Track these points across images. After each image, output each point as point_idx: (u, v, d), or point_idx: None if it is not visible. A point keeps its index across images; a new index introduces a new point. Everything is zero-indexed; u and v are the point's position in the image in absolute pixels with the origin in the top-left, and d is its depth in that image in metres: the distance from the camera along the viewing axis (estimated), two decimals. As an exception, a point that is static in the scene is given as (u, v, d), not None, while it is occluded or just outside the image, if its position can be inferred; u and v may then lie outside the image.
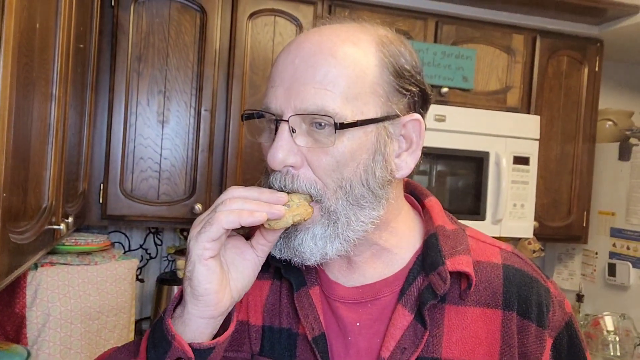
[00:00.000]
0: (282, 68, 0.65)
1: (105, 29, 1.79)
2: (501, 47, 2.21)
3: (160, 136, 1.87)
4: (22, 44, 0.78)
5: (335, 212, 0.64)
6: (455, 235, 0.71)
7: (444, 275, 0.65)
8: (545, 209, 2.27)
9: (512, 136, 2.12)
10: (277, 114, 0.64)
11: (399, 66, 0.66)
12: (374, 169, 0.65)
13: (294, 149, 0.63)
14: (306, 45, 0.64)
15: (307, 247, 0.64)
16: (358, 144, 0.63)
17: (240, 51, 1.92)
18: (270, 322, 0.71)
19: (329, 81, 0.62)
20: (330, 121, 0.61)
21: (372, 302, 0.69)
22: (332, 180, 0.63)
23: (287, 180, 0.64)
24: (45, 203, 1.05)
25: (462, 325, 0.66)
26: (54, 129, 1.06)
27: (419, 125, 0.68)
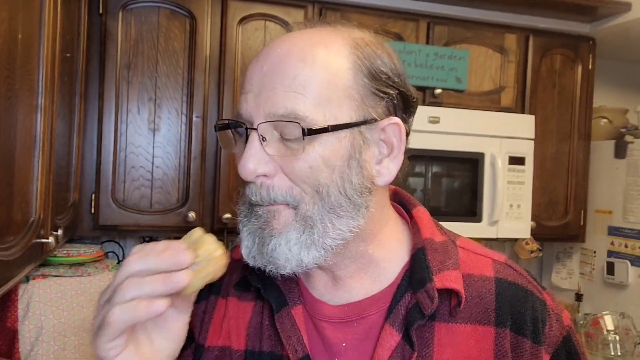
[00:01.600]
0: (251, 74, 0.63)
1: (93, 37, 1.77)
2: (494, 47, 2.20)
3: (152, 144, 1.85)
4: (2, 56, 0.77)
5: (311, 217, 0.61)
6: (444, 248, 0.68)
7: (432, 294, 0.63)
8: (542, 209, 2.26)
9: (507, 136, 2.11)
10: (248, 121, 0.62)
11: (374, 68, 0.63)
12: (350, 175, 0.61)
13: (265, 158, 0.61)
14: (275, 51, 0.62)
15: (281, 253, 0.61)
16: (330, 149, 0.60)
17: (231, 56, 1.91)
18: (252, 346, 0.68)
19: (299, 84, 0.60)
20: (299, 127, 0.58)
21: (359, 320, 0.66)
22: (309, 186, 0.61)
23: (262, 192, 0.61)
24: (32, 217, 1.03)
25: (453, 343, 0.63)
26: (41, 140, 1.04)
27: (399, 129, 0.64)
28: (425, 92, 2.10)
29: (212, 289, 0.74)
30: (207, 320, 0.72)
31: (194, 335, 0.72)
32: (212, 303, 0.73)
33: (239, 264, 0.74)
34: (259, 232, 0.62)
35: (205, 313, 0.73)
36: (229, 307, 0.72)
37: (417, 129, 0.70)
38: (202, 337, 0.71)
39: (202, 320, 0.72)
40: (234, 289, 0.72)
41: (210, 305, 0.73)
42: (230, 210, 1.91)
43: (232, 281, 0.73)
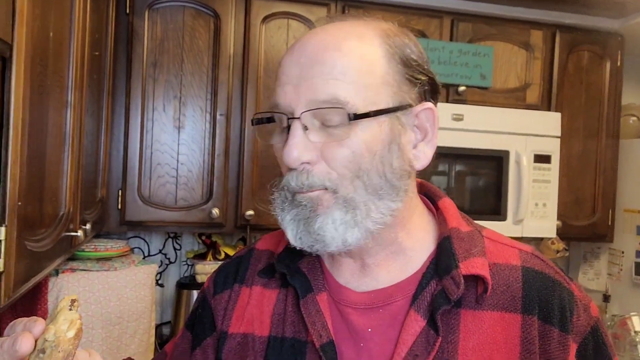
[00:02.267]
0: (288, 67, 0.64)
1: (120, 35, 1.81)
2: (519, 44, 2.17)
3: (177, 142, 1.88)
4: (35, 53, 0.79)
5: (353, 199, 0.63)
6: (470, 237, 0.68)
7: (458, 280, 0.63)
8: (569, 208, 2.22)
9: (532, 134, 2.08)
10: (288, 112, 0.63)
11: (405, 56, 0.65)
12: (391, 159, 0.64)
13: (309, 146, 0.62)
14: (310, 43, 0.64)
15: (327, 232, 0.62)
16: (372, 135, 0.62)
17: (254, 55, 1.92)
18: (275, 332, 0.69)
19: (338, 72, 0.61)
20: (342, 112, 0.60)
21: (384, 307, 0.67)
22: (349, 171, 0.62)
23: (302, 178, 0.62)
24: (62, 210, 1.05)
25: (479, 330, 0.63)
26: (70, 136, 1.07)
27: (432, 114, 0.67)
28: (449, 90, 2.08)
29: (237, 278, 0.76)
30: (231, 308, 0.74)
31: (216, 323, 0.74)
32: (236, 291, 0.75)
33: (264, 253, 0.77)
34: (304, 218, 0.64)
35: (229, 301, 0.74)
36: (252, 295, 0.73)
37: (441, 126, 0.72)
38: (226, 324, 0.73)
39: (226, 308, 0.74)
40: (259, 278, 0.74)
41: (234, 294, 0.75)
42: (253, 207, 1.93)
43: (257, 270, 0.75)
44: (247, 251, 0.80)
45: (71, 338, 0.52)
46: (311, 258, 0.72)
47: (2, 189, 0.70)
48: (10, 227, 0.70)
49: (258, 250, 0.79)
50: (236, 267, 0.78)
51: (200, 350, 0.74)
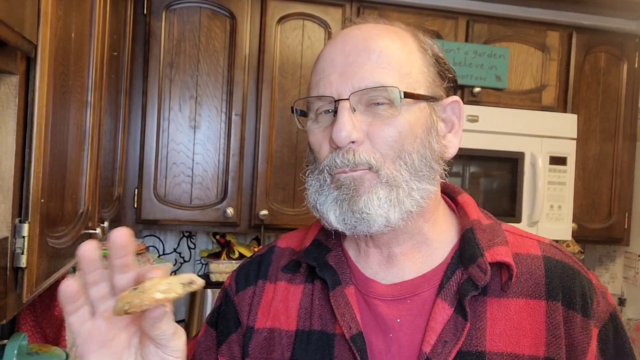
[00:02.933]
0: (332, 57, 0.68)
1: (138, 36, 1.83)
2: (535, 45, 2.15)
3: (192, 141, 1.89)
4: (58, 53, 0.80)
5: (395, 179, 0.65)
6: (492, 228, 0.71)
7: (484, 267, 0.65)
8: (584, 211, 2.20)
9: (548, 136, 2.07)
10: (334, 96, 0.66)
11: (435, 53, 0.71)
12: (431, 142, 0.68)
13: (356, 125, 0.65)
14: (354, 34, 0.68)
15: (372, 209, 0.64)
16: (415, 117, 0.66)
17: (270, 55, 1.93)
18: (302, 326, 0.70)
19: (383, 60, 0.65)
20: (392, 91, 0.64)
21: (412, 298, 0.68)
22: (393, 151, 0.65)
23: (349, 156, 0.65)
24: (81, 208, 1.07)
25: (506, 317, 0.65)
26: (90, 135, 1.09)
27: (459, 107, 0.72)
28: (464, 91, 2.08)
29: (260, 275, 0.77)
30: (256, 304, 0.75)
31: (241, 319, 0.75)
32: (260, 287, 0.76)
33: (286, 251, 0.78)
34: (347, 197, 0.66)
35: (253, 297, 0.76)
36: (277, 290, 0.74)
37: (456, 127, 0.76)
38: (252, 320, 0.74)
39: (251, 304, 0.75)
40: (283, 274, 0.75)
41: (258, 290, 0.76)
42: (267, 207, 1.94)
43: (280, 266, 0.77)
44: (268, 249, 0.82)
45: (154, 299, 0.52)
46: (337, 252, 0.73)
47: (26, 185, 0.71)
48: (33, 223, 0.72)
49: (279, 248, 0.80)
50: (258, 264, 0.79)
51: (226, 345, 0.75)
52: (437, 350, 0.63)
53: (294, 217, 1.97)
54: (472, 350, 0.64)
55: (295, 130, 1.96)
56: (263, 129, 1.93)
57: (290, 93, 1.96)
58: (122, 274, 0.54)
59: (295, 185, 1.97)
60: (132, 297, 0.51)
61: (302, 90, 1.97)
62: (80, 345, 0.56)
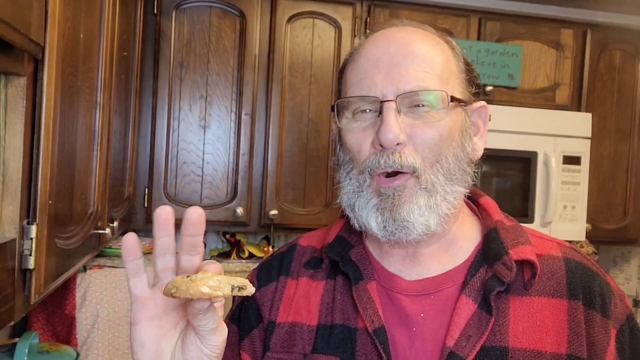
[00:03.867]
0: (376, 57, 0.68)
1: (148, 36, 1.83)
2: (549, 43, 2.12)
3: (202, 141, 1.90)
4: (66, 54, 0.80)
5: (433, 184, 0.67)
6: (514, 229, 0.73)
7: (509, 264, 0.67)
8: (599, 211, 2.17)
9: (561, 135, 2.04)
10: (378, 96, 0.67)
11: (465, 60, 0.73)
12: (465, 145, 0.70)
13: (402, 127, 0.66)
14: (397, 36, 0.69)
15: (413, 218, 0.66)
16: (454, 121, 0.68)
17: (280, 55, 1.93)
18: (324, 321, 0.72)
19: (427, 64, 0.67)
20: (438, 96, 0.66)
21: (435, 294, 0.70)
22: (432, 155, 0.67)
23: (395, 157, 0.66)
24: (91, 209, 1.07)
25: (528, 314, 0.67)
26: (99, 135, 1.09)
27: (485, 111, 0.74)
28: (475, 90, 2.05)
29: (282, 271, 0.79)
30: (278, 299, 0.76)
31: (263, 314, 0.76)
32: (282, 283, 0.77)
33: (307, 249, 0.80)
34: (389, 206, 0.67)
35: (275, 292, 0.77)
36: (299, 286, 0.76)
37: (468, 126, 0.76)
38: (274, 314, 0.75)
39: (273, 299, 0.76)
40: (305, 270, 0.77)
41: (280, 285, 0.77)
42: (277, 206, 1.93)
43: (302, 263, 0.78)
44: (290, 247, 0.83)
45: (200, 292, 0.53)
46: (359, 249, 0.75)
47: (34, 187, 0.71)
48: (41, 225, 0.72)
49: (301, 246, 0.82)
50: (279, 261, 0.80)
51: (248, 340, 0.76)
52: (460, 344, 0.64)
53: (304, 217, 1.96)
54: (495, 345, 0.65)
55: (305, 130, 1.96)
56: (273, 129, 1.93)
57: (300, 92, 1.95)
58: (189, 255, 0.56)
59: (306, 185, 1.96)
60: (181, 283, 0.53)
61: (312, 90, 1.96)
62: (134, 310, 0.59)
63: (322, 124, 1.97)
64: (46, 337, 1.62)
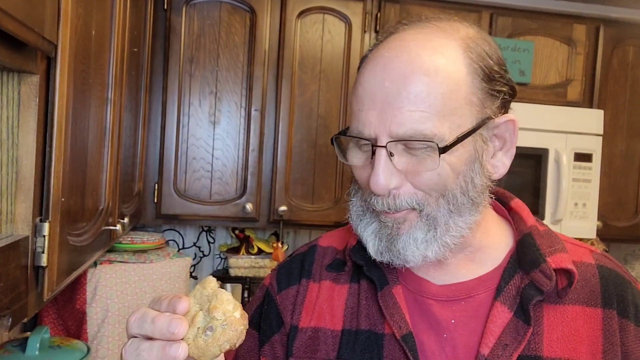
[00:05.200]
0: (372, 91, 0.63)
1: (158, 31, 1.83)
2: (561, 39, 2.10)
3: (212, 136, 1.90)
4: (78, 51, 0.80)
5: (435, 218, 0.64)
6: (549, 235, 0.70)
7: (548, 273, 0.65)
8: (610, 209, 2.15)
9: (573, 132, 2.02)
10: (372, 138, 0.63)
11: (488, 69, 0.64)
12: (473, 177, 0.65)
13: (395, 172, 0.63)
14: (395, 66, 0.62)
15: (409, 251, 0.65)
16: (457, 157, 0.63)
17: (289, 50, 1.92)
18: (349, 326, 0.70)
19: (423, 101, 0.61)
20: (431, 145, 0.61)
21: (466, 299, 0.68)
22: (435, 192, 0.64)
23: (389, 202, 0.64)
24: (102, 205, 1.08)
25: (563, 323, 0.65)
26: (110, 132, 1.09)
27: (513, 125, 0.67)
28: (486, 86, 2.04)
29: (303, 274, 0.77)
30: (300, 303, 0.74)
31: (284, 319, 0.75)
32: (304, 287, 0.76)
33: (328, 250, 0.78)
34: (386, 235, 0.66)
35: (297, 296, 0.75)
36: (322, 290, 0.74)
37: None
38: (296, 319, 0.73)
39: (295, 303, 0.75)
40: (327, 273, 0.75)
41: (302, 289, 0.75)
42: (287, 202, 1.93)
43: (324, 265, 0.76)
44: (309, 248, 0.81)
45: (239, 319, 0.52)
46: None
47: (46, 185, 0.71)
48: (54, 222, 0.72)
49: (321, 247, 0.80)
50: (300, 263, 0.78)
51: (269, 346, 0.75)
52: (497, 352, 0.63)
53: (313, 213, 1.96)
54: (530, 354, 0.63)
55: (314, 126, 1.95)
56: (282, 125, 1.92)
57: (310, 88, 1.95)
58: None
59: (315, 181, 1.96)
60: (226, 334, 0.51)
61: (322, 86, 1.95)
62: None
63: (332, 119, 1.96)
64: (57, 331, 1.63)
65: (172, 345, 0.51)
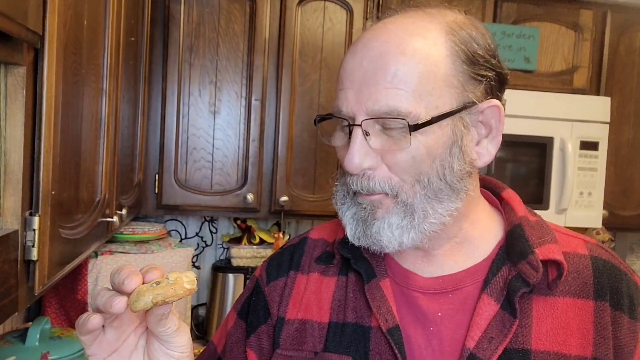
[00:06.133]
0: (350, 71, 0.64)
1: (156, 20, 1.81)
2: (567, 24, 2.06)
3: (212, 126, 1.88)
4: (68, 42, 0.79)
5: (412, 205, 0.63)
6: (540, 225, 0.69)
7: (535, 264, 0.64)
8: (616, 197, 2.12)
9: (579, 120, 1.99)
10: (349, 117, 0.64)
11: (471, 53, 0.63)
12: (452, 162, 0.63)
13: (370, 152, 0.63)
14: (374, 45, 0.63)
15: (384, 236, 0.64)
16: (434, 139, 0.62)
17: (290, 39, 1.90)
18: (336, 319, 0.70)
19: (400, 80, 0.61)
20: (403, 123, 0.61)
21: (454, 292, 0.67)
22: (409, 176, 0.63)
23: (363, 182, 0.64)
24: (98, 197, 1.07)
25: (552, 315, 0.64)
26: (106, 122, 1.08)
27: (498, 111, 0.66)
28: (490, 73, 2.01)
29: (292, 266, 0.76)
30: (287, 294, 0.74)
31: (271, 310, 0.74)
32: (292, 278, 0.75)
33: (318, 242, 0.78)
34: (362, 218, 0.66)
35: (285, 288, 0.75)
36: (310, 282, 0.74)
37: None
38: (283, 311, 0.73)
39: (282, 295, 0.74)
40: (316, 265, 0.75)
41: (290, 280, 0.75)
42: (288, 193, 1.92)
43: (314, 257, 0.76)
44: (300, 240, 0.81)
45: (186, 289, 0.55)
46: None
47: (36, 178, 0.70)
48: (44, 216, 0.71)
49: (312, 239, 0.79)
50: (290, 255, 0.78)
51: (255, 336, 0.75)
52: (482, 346, 0.62)
53: (314, 204, 1.95)
54: (517, 347, 0.62)
55: (315, 116, 1.93)
56: (283, 114, 1.91)
57: (310, 77, 1.92)
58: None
59: (316, 171, 1.95)
60: (163, 288, 0.54)
61: (323, 75, 1.93)
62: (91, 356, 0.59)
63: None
64: (59, 321, 1.64)
65: (115, 296, 0.54)
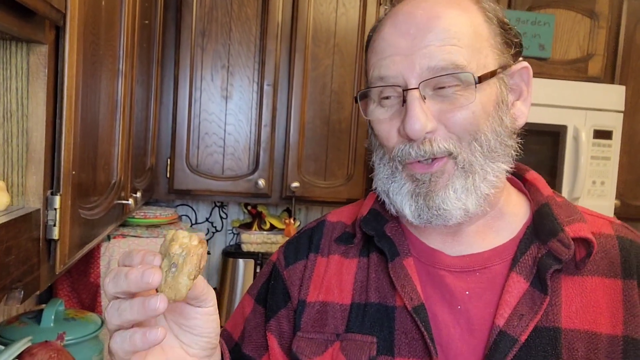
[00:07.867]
0: (396, 39, 0.64)
1: (169, 3, 1.81)
2: (583, 12, 2.03)
3: (224, 111, 1.88)
4: (88, 21, 0.79)
5: (471, 164, 0.64)
6: (567, 205, 0.69)
7: (567, 242, 0.64)
8: (629, 187, 2.11)
9: (593, 108, 1.97)
10: (400, 83, 0.63)
11: (500, 20, 0.67)
12: (502, 117, 0.65)
13: (429, 115, 0.63)
14: (416, 14, 0.64)
15: (450, 204, 0.64)
16: (487, 95, 0.64)
17: (303, 23, 1.88)
18: (358, 299, 0.69)
19: (452, 37, 0.62)
20: (464, 77, 0.61)
21: (481, 270, 0.67)
22: (468, 134, 0.63)
23: (426, 147, 0.63)
24: (114, 179, 1.07)
25: (582, 294, 0.64)
26: (122, 105, 1.08)
27: (528, 73, 0.69)
28: (504, 61, 1.99)
29: (311, 248, 0.76)
30: (308, 277, 0.73)
31: (291, 294, 0.74)
32: (312, 261, 0.75)
33: (337, 225, 0.77)
34: (422, 194, 0.65)
35: (305, 271, 0.74)
36: (330, 264, 0.73)
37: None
38: (304, 294, 0.72)
39: (302, 278, 0.74)
40: (336, 247, 0.74)
41: (310, 263, 0.74)
42: (299, 179, 1.92)
43: (333, 239, 0.75)
44: (318, 223, 0.80)
45: (197, 245, 0.53)
46: (394, 224, 0.72)
47: (57, 157, 0.71)
48: (65, 195, 0.71)
49: (330, 222, 0.79)
50: (308, 238, 0.77)
51: (275, 321, 0.74)
52: (512, 323, 0.61)
53: (325, 190, 1.95)
54: (548, 326, 0.62)
55: (327, 101, 1.92)
56: (295, 100, 1.90)
57: (323, 62, 1.91)
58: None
59: (327, 157, 1.94)
60: (186, 262, 0.51)
61: (336, 60, 1.92)
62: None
63: (345, 95, 1.93)
64: (71, 304, 1.65)
65: (150, 298, 0.49)
